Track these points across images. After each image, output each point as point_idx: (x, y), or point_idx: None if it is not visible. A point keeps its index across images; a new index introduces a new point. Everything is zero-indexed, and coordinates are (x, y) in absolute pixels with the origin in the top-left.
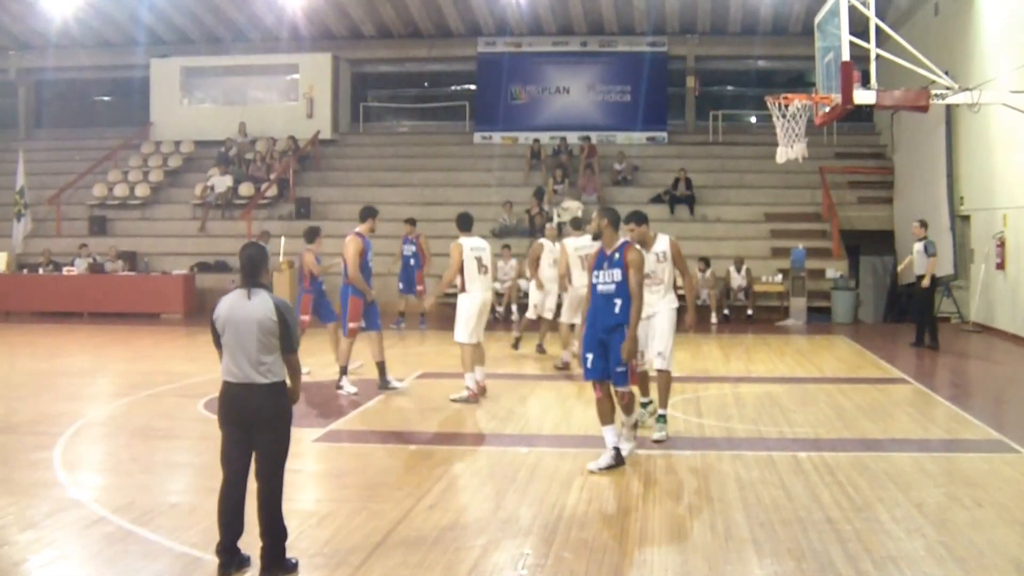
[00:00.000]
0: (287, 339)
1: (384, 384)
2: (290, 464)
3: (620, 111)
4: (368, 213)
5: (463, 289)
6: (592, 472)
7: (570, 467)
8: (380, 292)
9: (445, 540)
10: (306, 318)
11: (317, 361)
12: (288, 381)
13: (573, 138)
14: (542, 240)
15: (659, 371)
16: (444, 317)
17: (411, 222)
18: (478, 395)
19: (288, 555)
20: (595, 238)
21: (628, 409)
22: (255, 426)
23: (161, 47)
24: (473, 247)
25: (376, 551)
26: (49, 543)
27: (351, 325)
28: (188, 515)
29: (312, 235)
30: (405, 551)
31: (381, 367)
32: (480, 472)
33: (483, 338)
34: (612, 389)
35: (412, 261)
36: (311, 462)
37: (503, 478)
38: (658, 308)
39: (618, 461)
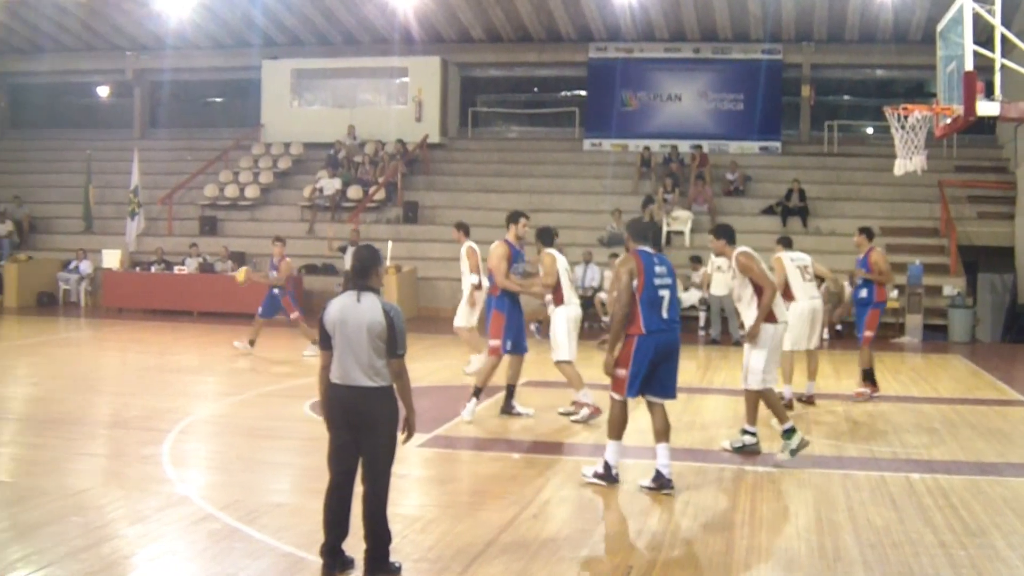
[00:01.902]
0: (394, 343)
1: (508, 408)
2: (395, 469)
3: (733, 120)
4: (513, 218)
5: (560, 302)
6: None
7: (675, 481)
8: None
9: (548, 550)
10: (296, 315)
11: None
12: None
13: (684, 146)
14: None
15: (744, 389)
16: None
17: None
18: (599, 409)
19: (391, 559)
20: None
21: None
22: (362, 429)
23: (273, 49)
24: (560, 259)
25: (479, 558)
26: (157, 538)
27: (494, 343)
28: (292, 515)
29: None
30: (508, 560)
31: (510, 391)
32: (583, 483)
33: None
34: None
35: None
36: (416, 467)
37: (607, 489)
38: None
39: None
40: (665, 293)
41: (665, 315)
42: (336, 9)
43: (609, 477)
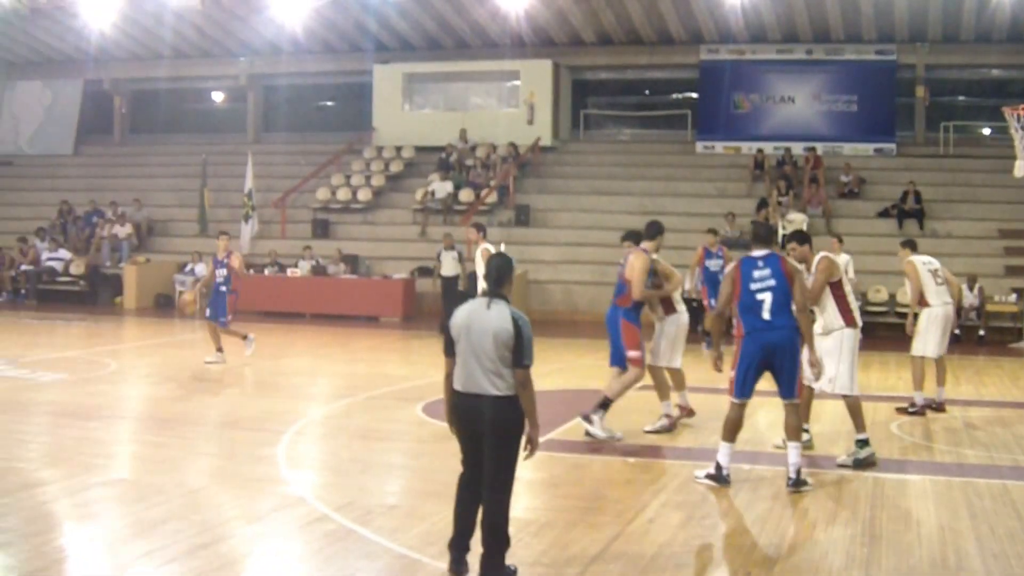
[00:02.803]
0: (520, 353)
1: (588, 418)
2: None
3: (846, 121)
4: (656, 229)
5: (673, 310)
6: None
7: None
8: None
9: (664, 556)
10: (231, 317)
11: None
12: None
13: (798, 148)
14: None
15: (842, 396)
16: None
17: (714, 232)
18: (675, 422)
19: (507, 563)
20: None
21: None
22: (484, 437)
23: (385, 53)
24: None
25: (593, 563)
26: (273, 537)
27: (634, 355)
28: (406, 517)
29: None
30: (623, 566)
31: (606, 403)
32: (700, 487)
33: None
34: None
35: (720, 275)
36: (529, 471)
37: (723, 494)
38: (822, 329)
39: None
40: (764, 296)
41: (767, 316)
42: (447, 14)
43: (720, 478)
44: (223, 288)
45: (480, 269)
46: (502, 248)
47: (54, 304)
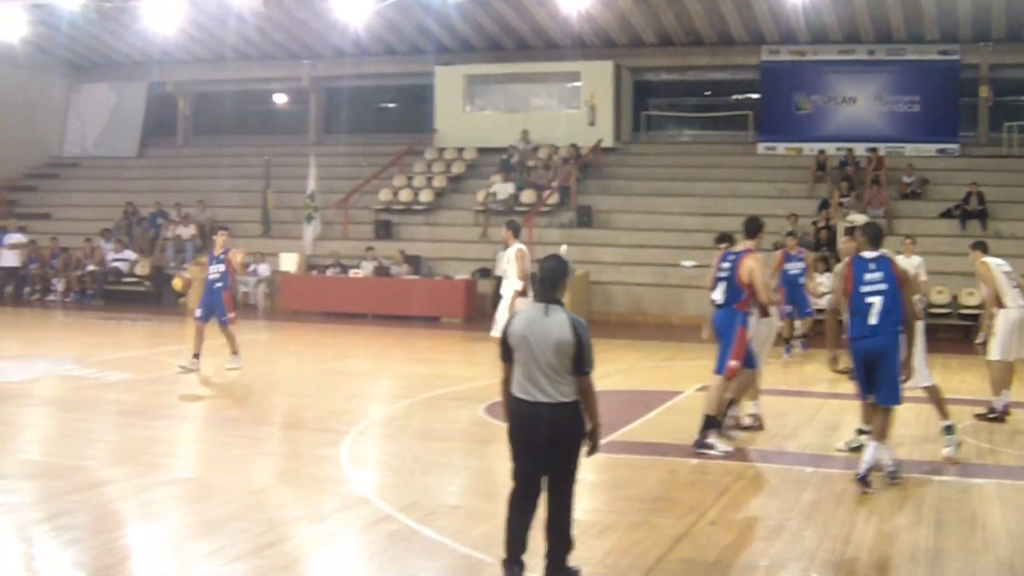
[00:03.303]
0: (581, 360)
1: (702, 444)
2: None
3: (908, 122)
4: (756, 227)
5: (766, 313)
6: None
7: (856, 486)
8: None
9: (727, 559)
10: (233, 315)
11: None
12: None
13: (860, 149)
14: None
15: (924, 388)
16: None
17: (793, 235)
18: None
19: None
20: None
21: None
22: (546, 446)
23: (446, 55)
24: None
25: (656, 566)
26: (337, 537)
27: (735, 364)
28: (469, 517)
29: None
30: (686, 568)
31: (711, 423)
32: (762, 490)
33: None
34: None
35: (800, 279)
36: (591, 472)
37: (787, 497)
38: None
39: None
40: (874, 300)
41: (873, 321)
42: (508, 15)
43: (892, 475)
44: (218, 286)
45: (513, 270)
46: (564, 250)
47: (119, 304)
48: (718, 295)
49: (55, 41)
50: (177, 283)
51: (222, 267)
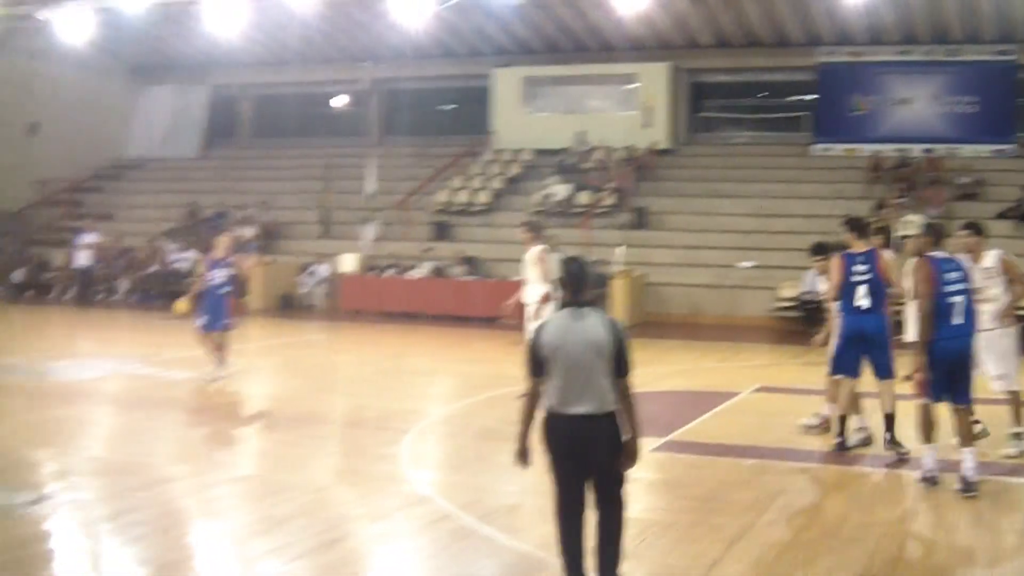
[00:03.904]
0: (620, 360)
1: (892, 443)
2: (629, 473)
3: (965, 122)
4: (866, 225)
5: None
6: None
7: (917, 488)
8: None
9: (786, 558)
10: (233, 320)
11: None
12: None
13: (916, 150)
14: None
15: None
16: (779, 331)
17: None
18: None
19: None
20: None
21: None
22: (589, 458)
23: (504, 57)
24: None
25: (715, 566)
26: (399, 535)
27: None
28: (529, 516)
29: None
30: (745, 567)
31: (889, 420)
32: (821, 490)
33: None
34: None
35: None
36: (650, 471)
37: (846, 497)
38: (988, 325)
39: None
40: (956, 300)
41: (955, 321)
42: (566, 17)
43: (927, 480)
44: (220, 291)
45: (531, 273)
46: (620, 252)
47: None
48: (864, 300)
49: (120, 44)
50: (181, 307)
51: (227, 271)
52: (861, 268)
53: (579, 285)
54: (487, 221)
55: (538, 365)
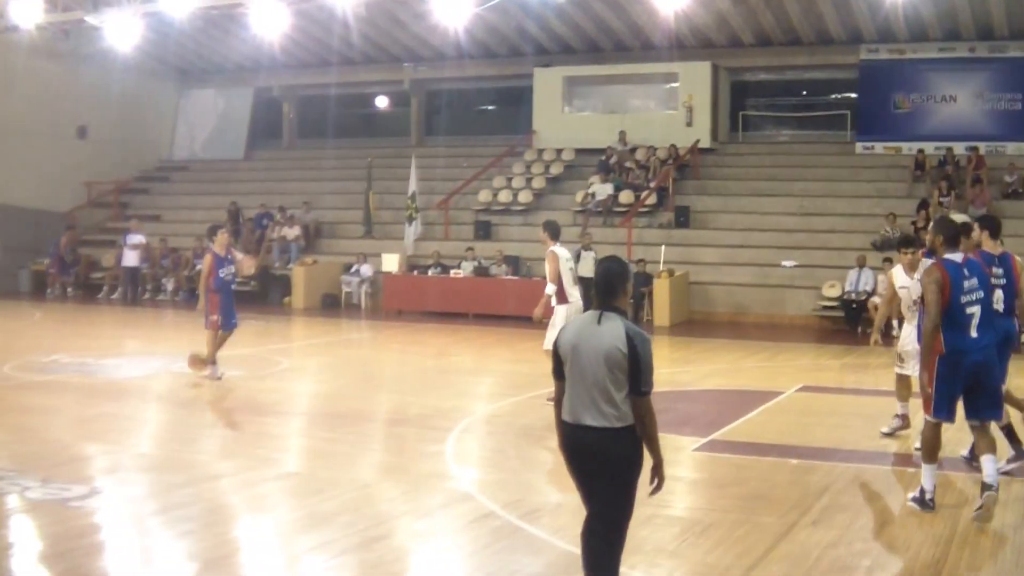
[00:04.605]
0: (637, 377)
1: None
2: (671, 472)
3: (1010, 120)
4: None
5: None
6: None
7: (960, 490)
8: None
9: (828, 558)
10: (215, 317)
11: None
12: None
13: (960, 148)
14: None
15: None
16: (823, 330)
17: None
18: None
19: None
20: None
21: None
22: (594, 475)
23: (544, 57)
24: None
25: (758, 564)
26: (442, 532)
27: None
28: (572, 515)
29: (212, 232)
30: (788, 567)
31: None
32: (865, 490)
33: None
34: None
35: None
36: (692, 470)
37: (889, 498)
38: None
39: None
40: (974, 310)
41: (974, 334)
42: (607, 17)
43: (923, 503)
44: (233, 287)
45: (548, 274)
46: (662, 250)
47: None
48: (1000, 306)
49: (165, 48)
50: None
51: (233, 268)
52: (998, 272)
53: (612, 287)
54: (529, 220)
55: (559, 366)
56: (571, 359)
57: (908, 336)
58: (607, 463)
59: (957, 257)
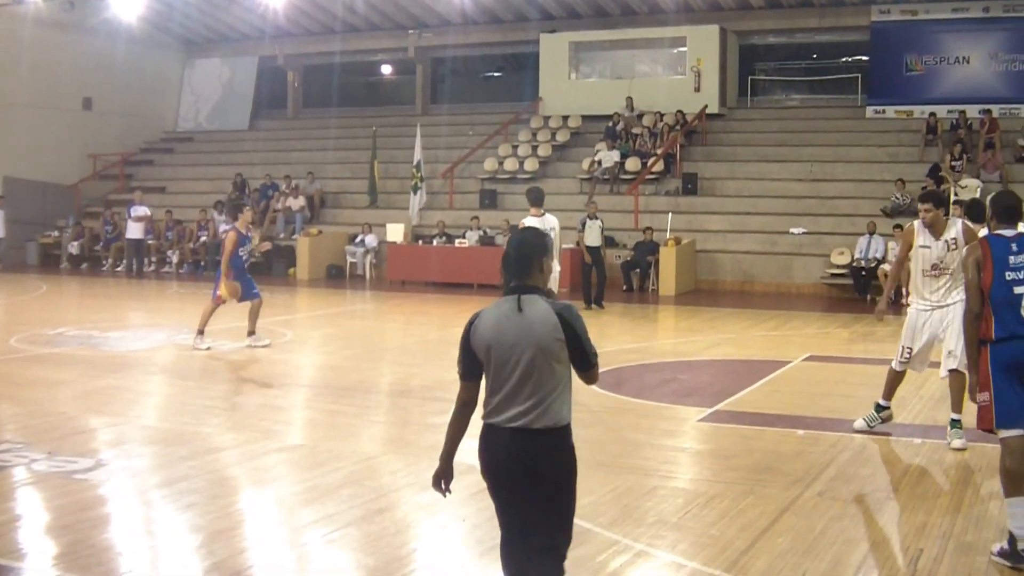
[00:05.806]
0: (583, 355)
1: None
2: (675, 443)
3: None
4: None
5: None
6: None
7: (965, 461)
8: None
9: (834, 530)
10: (222, 293)
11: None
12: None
13: (973, 111)
14: None
15: (951, 372)
16: (831, 299)
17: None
18: None
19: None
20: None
21: None
22: (528, 484)
23: (550, 23)
24: None
25: (763, 536)
26: (446, 504)
27: None
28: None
29: (238, 209)
30: (793, 538)
31: None
32: (870, 461)
33: None
34: None
35: None
36: (697, 441)
37: (895, 469)
38: (948, 301)
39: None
40: (1022, 289)
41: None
42: None
43: (1014, 555)
44: (247, 264)
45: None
46: (669, 218)
47: None
48: None
49: (170, 18)
50: (230, 290)
51: (250, 246)
52: None
53: (526, 263)
54: None
55: (469, 366)
56: (494, 356)
57: (943, 321)
58: (550, 468)
59: (1008, 232)
